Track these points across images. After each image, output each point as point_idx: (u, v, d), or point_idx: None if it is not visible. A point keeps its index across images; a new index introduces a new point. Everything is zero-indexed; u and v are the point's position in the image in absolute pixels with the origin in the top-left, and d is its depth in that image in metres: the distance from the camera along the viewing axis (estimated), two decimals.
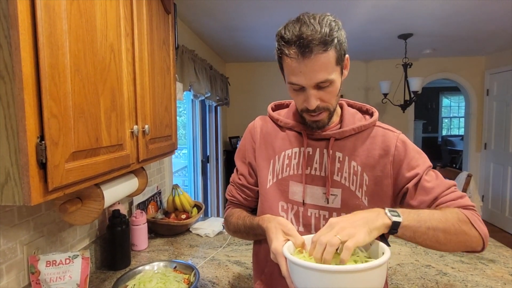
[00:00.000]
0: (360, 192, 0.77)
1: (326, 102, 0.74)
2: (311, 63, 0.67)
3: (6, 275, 0.88)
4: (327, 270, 0.53)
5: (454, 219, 0.67)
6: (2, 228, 0.87)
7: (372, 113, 0.84)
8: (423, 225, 0.64)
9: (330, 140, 0.79)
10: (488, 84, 4.20)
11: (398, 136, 0.79)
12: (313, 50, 0.66)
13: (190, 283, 1.03)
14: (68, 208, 0.85)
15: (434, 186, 0.74)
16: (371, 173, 0.77)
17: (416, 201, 0.75)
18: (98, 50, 0.80)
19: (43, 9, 0.61)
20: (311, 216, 0.80)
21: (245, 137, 0.92)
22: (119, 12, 0.91)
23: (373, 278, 0.54)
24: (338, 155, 0.79)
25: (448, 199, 0.73)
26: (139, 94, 1.03)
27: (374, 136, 0.79)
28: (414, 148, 0.79)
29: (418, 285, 1.12)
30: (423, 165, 0.76)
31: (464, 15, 2.57)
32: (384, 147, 0.78)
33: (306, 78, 0.69)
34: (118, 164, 0.90)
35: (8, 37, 0.58)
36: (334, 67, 0.70)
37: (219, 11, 2.41)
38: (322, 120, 0.77)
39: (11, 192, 0.61)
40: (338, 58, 0.70)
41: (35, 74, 0.61)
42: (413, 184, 0.75)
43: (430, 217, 0.65)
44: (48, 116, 0.63)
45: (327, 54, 0.67)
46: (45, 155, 0.62)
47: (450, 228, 0.66)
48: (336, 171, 0.78)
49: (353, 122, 0.81)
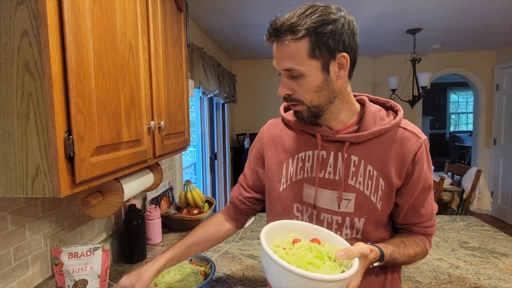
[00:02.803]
0: (375, 197, 0.74)
1: (298, 94, 0.72)
2: (279, 49, 0.70)
3: (31, 265, 0.92)
4: (302, 275, 0.55)
5: (418, 254, 0.79)
6: (27, 221, 0.91)
7: (397, 111, 0.78)
8: (397, 262, 0.75)
9: (345, 144, 0.74)
10: (498, 79, 4.16)
11: (422, 143, 0.74)
12: (279, 36, 0.68)
13: (206, 275, 1.06)
14: (90, 202, 0.88)
15: (424, 214, 0.79)
16: (387, 178, 0.73)
17: (402, 215, 0.79)
18: (118, 47, 0.82)
19: (69, 8, 0.63)
20: (323, 220, 0.78)
21: (255, 142, 0.94)
22: (136, 10, 0.93)
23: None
24: (354, 158, 0.75)
25: (422, 230, 0.81)
26: (154, 91, 1.05)
27: (396, 139, 0.74)
28: (429, 161, 0.77)
29: (431, 278, 1.13)
30: (429, 187, 0.77)
31: (473, 9, 2.55)
32: (404, 152, 0.73)
33: (277, 62, 0.72)
34: (137, 159, 0.93)
35: (37, 36, 0.60)
36: (304, 59, 0.67)
37: (228, 8, 2.43)
38: (300, 112, 0.75)
39: (41, 185, 0.64)
40: (311, 51, 0.67)
41: (63, 71, 0.63)
42: (412, 202, 0.77)
43: (403, 260, 0.76)
44: (75, 111, 0.65)
45: (296, 44, 0.67)
46: (72, 149, 0.65)
47: (413, 260, 0.79)
48: (350, 175, 0.75)
49: (374, 123, 0.75)
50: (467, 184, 2.94)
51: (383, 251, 0.70)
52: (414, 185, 0.74)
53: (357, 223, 0.75)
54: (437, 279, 1.12)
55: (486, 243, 1.42)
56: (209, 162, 3.35)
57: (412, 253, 0.76)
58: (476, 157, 4.43)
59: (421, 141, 0.74)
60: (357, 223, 0.75)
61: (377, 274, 0.79)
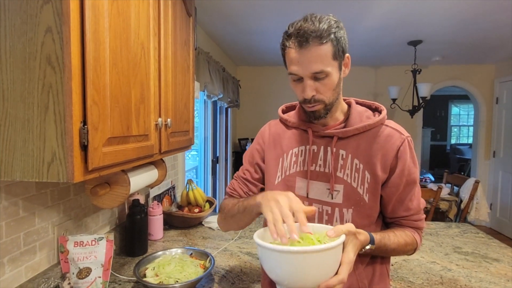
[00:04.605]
0: (361, 189, 0.80)
1: (322, 94, 0.78)
2: (308, 54, 0.74)
3: (39, 251, 0.96)
4: (286, 251, 0.57)
5: (409, 243, 0.83)
6: (37, 208, 0.95)
7: (381, 111, 0.87)
8: (388, 249, 0.79)
9: (334, 138, 0.82)
10: (498, 93, 4.21)
11: (404, 139, 0.81)
12: (309, 41, 0.73)
13: (205, 268, 1.09)
14: (98, 191, 0.92)
15: (411, 208, 0.83)
16: (373, 172, 0.79)
17: (390, 209, 0.84)
18: (131, 47, 0.88)
19: (90, 8, 0.69)
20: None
21: (256, 139, 0.99)
22: (149, 13, 0.99)
23: (321, 261, 0.59)
24: (342, 152, 0.82)
25: (411, 224, 0.85)
26: (163, 89, 1.10)
27: (380, 135, 0.81)
28: (413, 157, 0.82)
29: (423, 279, 1.16)
30: (414, 181, 0.82)
31: (474, 23, 2.61)
32: (388, 147, 0.80)
33: (303, 67, 0.75)
34: (144, 153, 0.97)
35: (60, 33, 0.65)
36: (330, 60, 0.75)
37: (234, 15, 2.50)
38: (318, 111, 0.81)
39: (56, 170, 0.68)
40: (335, 53, 0.75)
41: (81, 66, 0.68)
42: (398, 195, 0.81)
43: (394, 247, 0.79)
44: (91, 103, 0.70)
45: (323, 47, 0.74)
46: (87, 138, 0.69)
47: (404, 249, 0.82)
48: (339, 168, 0.82)
49: (360, 120, 0.83)
50: (465, 194, 2.97)
51: (372, 235, 0.74)
52: (398, 179, 0.80)
53: (346, 214, 0.80)
54: (429, 280, 1.15)
55: (479, 248, 1.46)
56: (211, 165, 3.39)
57: (402, 242, 0.81)
58: (476, 169, 4.46)
59: (404, 138, 0.81)
60: (345, 214, 0.80)
61: (366, 267, 0.83)
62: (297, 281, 0.60)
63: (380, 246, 0.76)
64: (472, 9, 2.32)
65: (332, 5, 2.24)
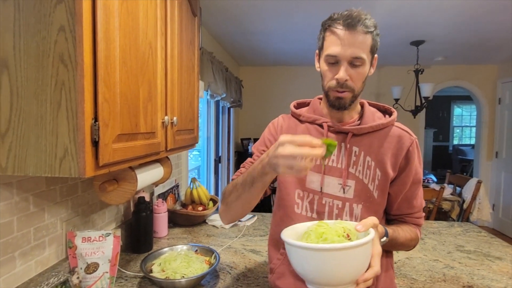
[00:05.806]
0: (372, 185, 0.83)
1: (354, 81, 0.80)
2: (353, 37, 0.77)
3: (48, 247, 0.98)
4: (317, 248, 0.59)
5: (414, 239, 0.87)
6: (47, 204, 0.97)
7: (391, 112, 0.90)
8: (397, 242, 0.82)
9: (348, 134, 0.85)
10: (500, 93, 4.21)
11: (413, 140, 0.85)
12: (357, 27, 0.76)
13: (211, 264, 1.11)
14: (106, 187, 0.94)
15: (415, 205, 0.88)
16: (383, 169, 0.83)
17: (396, 206, 0.87)
18: (140, 46, 0.90)
19: (102, 8, 0.71)
20: (325, 204, 0.85)
21: (267, 130, 1.00)
22: (157, 13, 1.01)
23: (356, 257, 0.60)
24: (355, 149, 0.85)
25: (414, 221, 0.89)
26: (169, 88, 1.12)
27: (391, 135, 0.85)
28: (420, 157, 0.87)
29: (426, 276, 1.17)
30: (420, 181, 0.86)
31: (477, 23, 2.62)
32: (398, 147, 0.84)
33: (345, 49, 0.77)
34: (151, 150, 0.99)
35: (73, 32, 0.67)
36: (367, 51, 0.79)
37: (238, 16, 2.52)
38: (345, 99, 0.82)
39: (68, 166, 0.70)
40: (372, 47, 0.80)
41: (93, 64, 0.70)
42: (404, 193, 0.85)
43: (402, 241, 0.83)
44: (102, 100, 0.72)
45: (367, 36, 0.78)
46: (98, 134, 0.71)
47: (409, 243, 0.87)
48: (351, 164, 0.84)
49: (373, 120, 0.86)
50: (468, 194, 2.97)
51: (385, 228, 0.77)
52: (406, 177, 0.84)
53: (356, 209, 0.82)
54: (432, 277, 1.16)
55: (481, 247, 1.46)
56: (214, 164, 3.41)
57: (408, 236, 0.85)
58: (478, 170, 4.46)
59: (413, 139, 0.86)
60: (355, 209, 0.82)
61: None
62: (335, 278, 0.61)
63: (392, 239, 0.79)
64: (475, 9, 2.33)
65: (335, 5, 2.25)
